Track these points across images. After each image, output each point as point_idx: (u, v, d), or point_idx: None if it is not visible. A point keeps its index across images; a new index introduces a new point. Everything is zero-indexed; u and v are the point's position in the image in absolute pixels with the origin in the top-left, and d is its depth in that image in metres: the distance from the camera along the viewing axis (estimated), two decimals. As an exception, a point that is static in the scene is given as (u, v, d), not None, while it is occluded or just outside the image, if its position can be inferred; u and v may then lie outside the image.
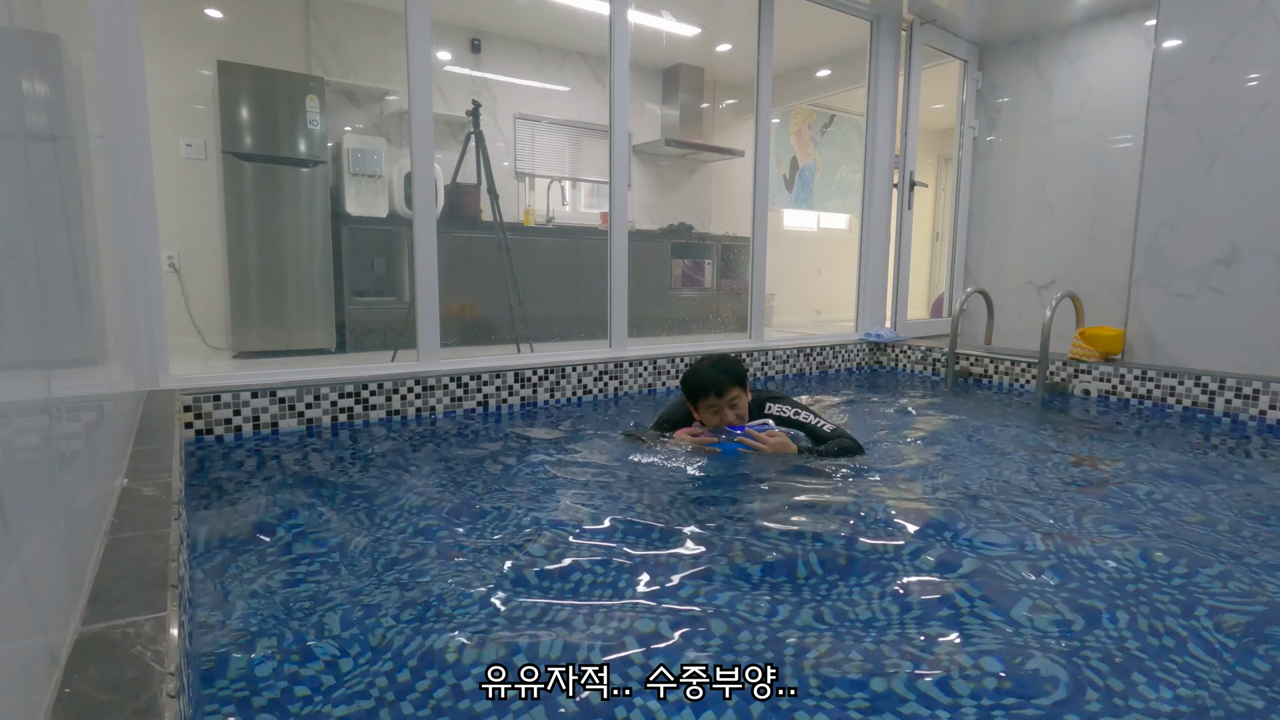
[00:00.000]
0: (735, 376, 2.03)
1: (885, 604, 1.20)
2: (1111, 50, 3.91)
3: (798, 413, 2.13)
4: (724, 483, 1.83)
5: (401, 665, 1.01)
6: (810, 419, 2.10)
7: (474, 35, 5.07)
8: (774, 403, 2.16)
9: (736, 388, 2.03)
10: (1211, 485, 1.94)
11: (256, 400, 2.38)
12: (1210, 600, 1.22)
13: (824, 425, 2.08)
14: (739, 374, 2.05)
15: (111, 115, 2.11)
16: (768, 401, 2.16)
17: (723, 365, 2.05)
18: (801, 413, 2.13)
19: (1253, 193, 2.92)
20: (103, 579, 0.90)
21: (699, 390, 2.04)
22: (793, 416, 2.11)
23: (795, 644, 1.05)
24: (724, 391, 2.01)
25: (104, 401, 1.32)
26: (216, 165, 3.89)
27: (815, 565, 1.33)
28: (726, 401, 2.02)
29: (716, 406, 2.03)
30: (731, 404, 2.03)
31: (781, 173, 6.65)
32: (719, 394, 2.01)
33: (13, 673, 0.57)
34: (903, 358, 4.19)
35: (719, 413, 2.04)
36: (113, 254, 1.99)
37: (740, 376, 2.05)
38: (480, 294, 4.42)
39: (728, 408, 2.03)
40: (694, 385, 2.05)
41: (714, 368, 2.04)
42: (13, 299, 0.67)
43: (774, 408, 2.14)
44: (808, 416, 2.12)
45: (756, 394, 2.18)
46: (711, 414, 2.05)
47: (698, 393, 2.04)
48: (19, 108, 0.80)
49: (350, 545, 1.44)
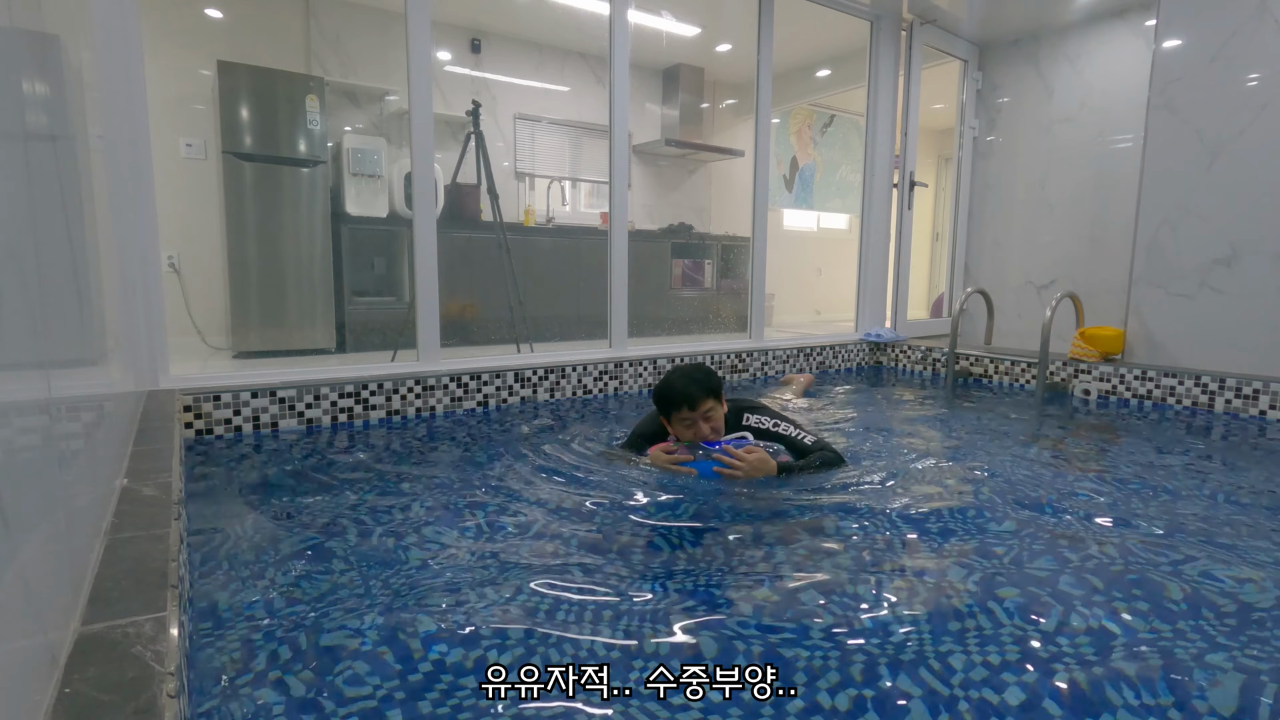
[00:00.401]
0: (709, 388, 1.87)
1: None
2: (1111, 50, 3.91)
3: (776, 424, 1.98)
4: (700, 515, 1.64)
5: (405, 665, 1.01)
6: (789, 430, 1.96)
7: (474, 35, 5.07)
8: (752, 413, 2.01)
9: (711, 400, 1.87)
10: (1209, 482, 1.95)
11: (256, 400, 2.38)
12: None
13: (804, 437, 1.94)
14: (713, 385, 1.89)
15: (111, 115, 2.11)
16: (745, 412, 2.01)
17: (696, 376, 1.88)
18: (780, 424, 1.98)
19: (1253, 193, 2.93)
20: (103, 579, 0.90)
21: (671, 403, 1.88)
22: (771, 428, 1.96)
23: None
24: (697, 404, 1.85)
25: (104, 401, 1.32)
26: (216, 165, 3.89)
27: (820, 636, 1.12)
28: (700, 414, 1.86)
29: (690, 420, 1.87)
30: (706, 417, 1.87)
31: (781, 173, 6.65)
32: (692, 407, 1.85)
33: (13, 673, 0.57)
34: (903, 358, 4.19)
35: (693, 426, 1.88)
36: (113, 254, 2.00)
37: (715, 387, 1.89)
38: (480, 294, 4.42)
39: (702, 421, 1.87)
40: (666, 398, 1.89)
41: (686, 378, 1.88)
42: (13, 299, 0.67)
43: (752, 419, 1.99)
44: (787, 428, 1.97)
45: (733, 403, 2.03)
46: (685, 428, 1.89)
47: (670, 406, 1.88)
48: (19, 108, 0.80)
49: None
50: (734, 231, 5.86)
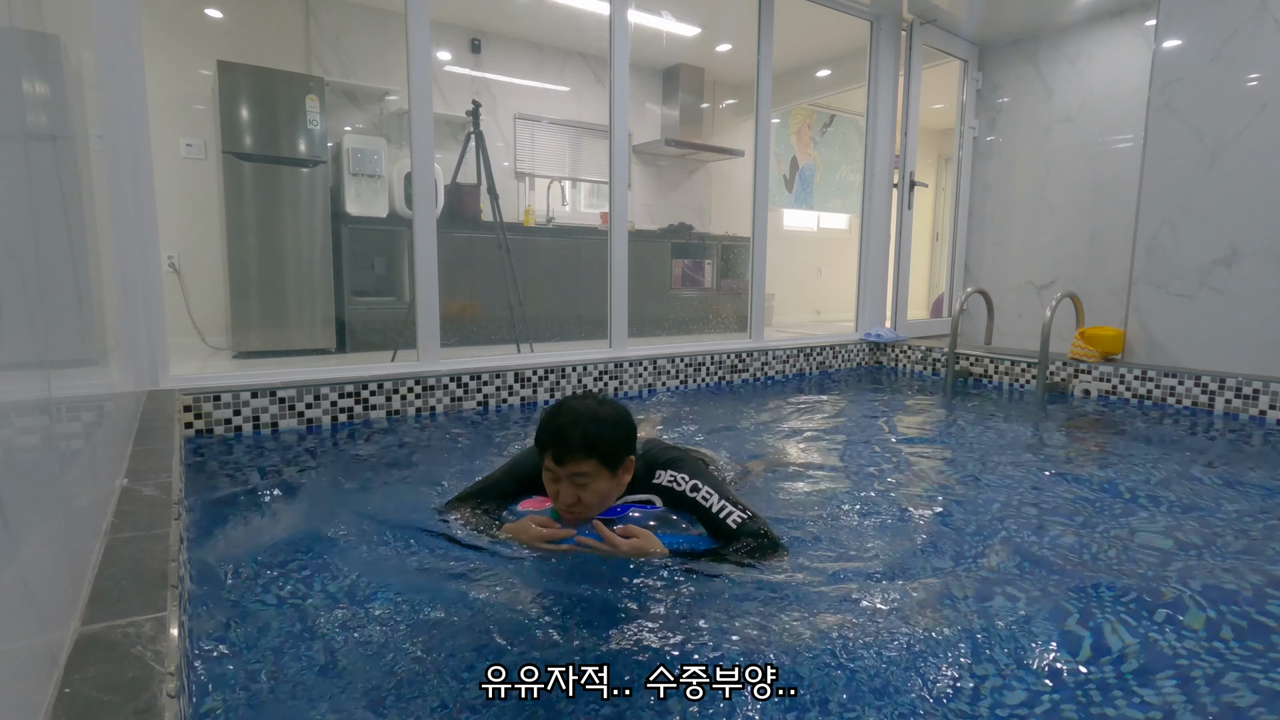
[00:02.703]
0: (590, 444, 1.27)
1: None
2: (1111, 50, 3.91)
3: (697, 487, 1.39)
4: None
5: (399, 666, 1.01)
6: (713, 501, 1.37)
7: (474, 35, 5.07)
8: (669, 469, 1.42)
9: (588, 462, 1.28)
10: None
11: (256, 400, 2.38)
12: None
13: (728, 514, 1.35)
14: (604, 441, 1.29)
15: (111, 115, 2.11)
16: (661, 468, 1.43)
17: (585, 415, 1.30)
18: (703, 489, 1.38)
19: (1253, 193, 2.92)
20: (103, 579, 0.90)
21: (539, 439, 1.33)
22: (689, 493, 1.38)
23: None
24: (564, 459, 1.28)
25: (104, 401, 1.32)
26: (216, 165, 3.89)
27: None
28: (567, 475, 1.29)
29: (553, 474, 1.31)
30: (576, 481, 1.29)
31: (781, 173, 6.65)
32: (557, 458, 1.28)
33: (13, 673, 0.57)
34: (903, 358, 4.19)
35: (555, 485, 1.32)
36: (113, 254, 2.00)
37: (599, 447, 1.28)
38: (480, 294, 4.42)
39: (568, 484, 1.30)
40: (540, 430, 1.33)
41: (573, 414, 1.30)
42: (13, 299, 0.67)
43: (665, 477, 1.41)
44: (709, 495, 1.37)
45: (646, 454, 1.47)
46: (550, 481, 1.33)
47: (538, 441, 1.34)
48: (19, 108, 0.80)
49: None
50: (734, 231, 5.86)
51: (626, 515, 1.37)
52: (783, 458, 2.25)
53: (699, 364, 3.51)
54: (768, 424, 2.73)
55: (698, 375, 3.52)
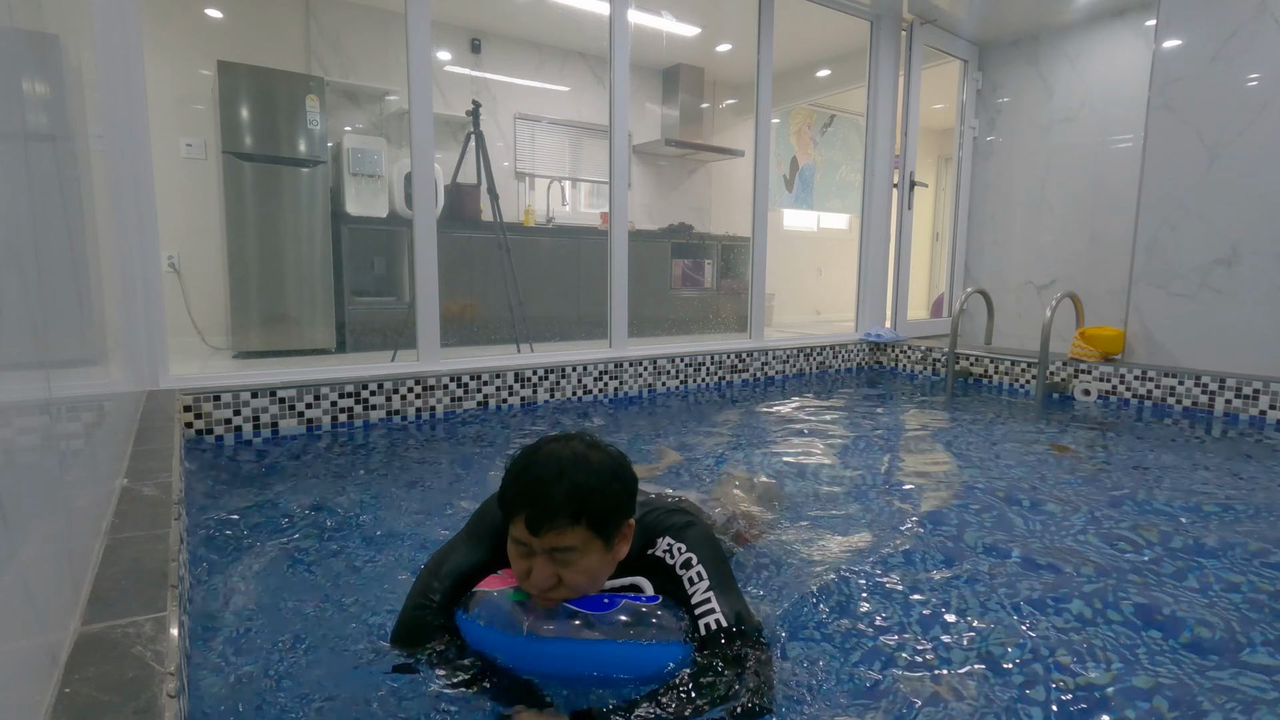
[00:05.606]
0: (579, 504, 0.94)
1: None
2: (1111, 50, 3.91)
3: (690, 564, 1.03)
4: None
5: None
6: (697, 590, 1.01)
7: (474, 35, 5.07)
8: (666, 536, 1.07)
9: (574, 530, 0.94)
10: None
11: (256, 400, 2.38)
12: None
13: (710, 612, 0.99)
14: (597, 501, 0.95)
15: (111, 115, 2.11)
16: (660, 535, 1.08)
17: (578, 466, 0.96)
18: (694, 568, 1.03)
19: (1253, 193, 2.92)
20: (103, 579, 0.90)
21: (507, 499, 0.97)
22: (678, 570, 1.03)
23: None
24: (542, 525, 0.93)
25: (104, 401, 1.32)
26: (216, 165, 3.88)
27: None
28: (544, 547, 0.94)
29: (525, 547, 0.96)
30: (556, 558, 0.95)
31: (781, 173, 6.65)
32: (533, 527, 0.93)
33: (13, 673, 0.57)
34: (903, 358, 4.19)
35: (528, 559, 0.96)
36: (113, 254, 2.00)
37: (591, 508, 0.95)
38: (480, 294, 4.42)
39: (544, 560, 0.95)
40: (508, 486, 0.97)
41: (560, 466, 0.95)
42: (13, 299, 0.67)
43: (661, 546, 1.06)
44: (696, 583, 1.01)
45: (645, 517, 1.09)
46: (517, 556, 0.97)
47: (506, 504, 0.97)
48: (19, 108, 0.80)
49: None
50: (734, 231, 5.86)
51: (610, 615, 0.96)
52: (779, 493, 1.85)
53: (699, 364, 3.51)
54: (768, 424, 2.73)
55: (698, 375, 3.52)
